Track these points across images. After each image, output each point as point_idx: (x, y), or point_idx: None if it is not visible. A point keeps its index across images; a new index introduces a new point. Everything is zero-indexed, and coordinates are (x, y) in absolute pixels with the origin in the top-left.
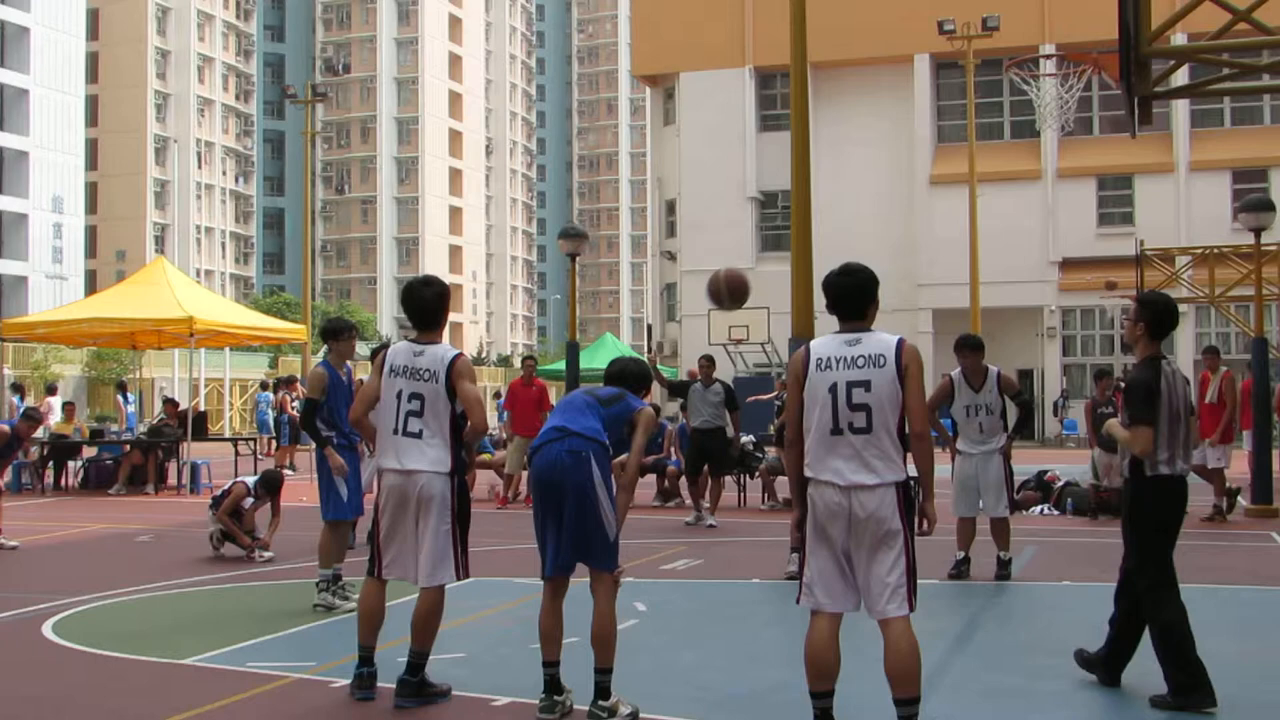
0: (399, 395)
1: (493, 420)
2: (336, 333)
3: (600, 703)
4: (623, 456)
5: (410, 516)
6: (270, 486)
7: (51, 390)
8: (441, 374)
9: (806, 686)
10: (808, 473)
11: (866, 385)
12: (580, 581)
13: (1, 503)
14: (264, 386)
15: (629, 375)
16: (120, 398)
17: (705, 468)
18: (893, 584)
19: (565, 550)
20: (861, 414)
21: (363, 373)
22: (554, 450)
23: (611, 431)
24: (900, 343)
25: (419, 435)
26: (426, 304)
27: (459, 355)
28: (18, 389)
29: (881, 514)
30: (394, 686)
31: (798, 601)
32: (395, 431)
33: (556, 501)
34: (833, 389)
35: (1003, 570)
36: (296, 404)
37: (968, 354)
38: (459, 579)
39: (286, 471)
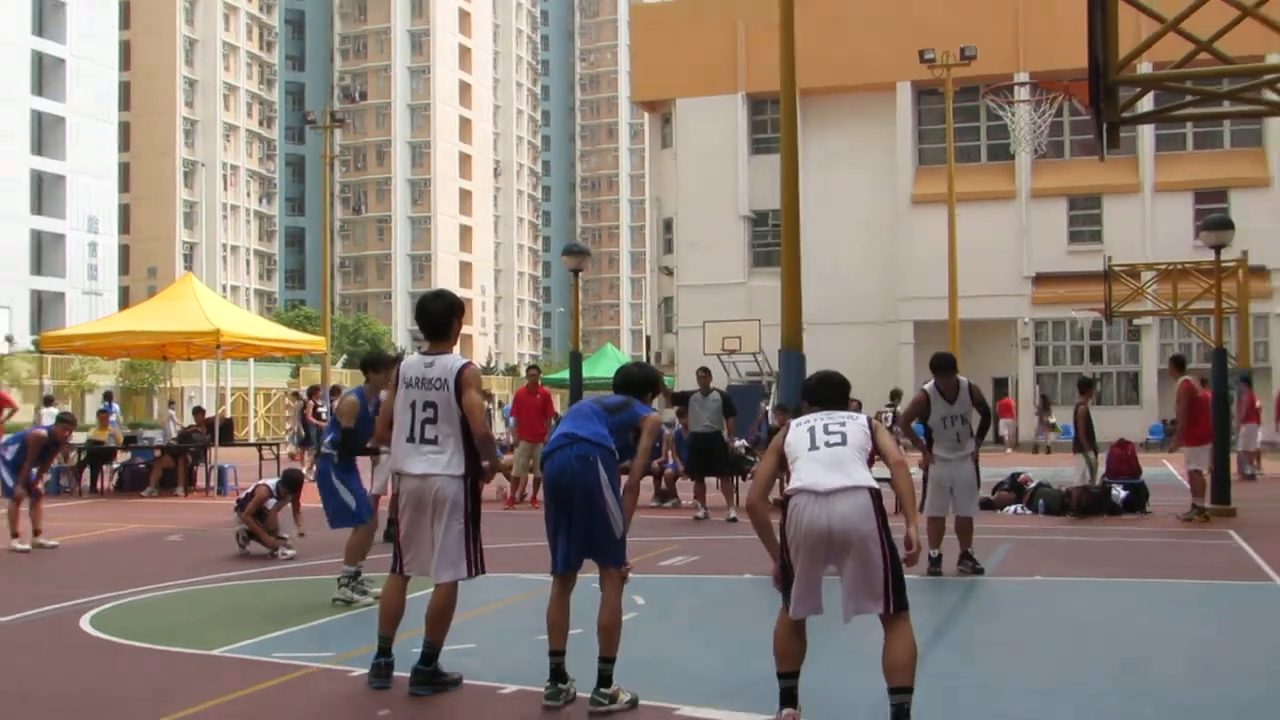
0: (413, 405)
1: (501, 427)
2: (377, 364)
3: (602, 690)
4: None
5: (427, 518)
6: (290, 485)
7: (49, 402)
8: (451, 382)
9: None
10: (790, 488)
11: (842, 423)
12: (585, 577)
13: (41, 505)
14: (296, 396)
15: (633, 381)
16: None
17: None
18: (875, 589)
19: (575, 548)
20: (837, 435)
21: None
22: (564, 456)
23: (618, 437)
24: (871, 419)
25: (434, 441)
26: (437, 316)
27: (467, 364)
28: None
29: (854, 520)
30: (409, 675)
31: (790, 612)
32: (412, 439)
33: (567, 503)
34: (811, 429)
35: (963, 564)
36: (323, 409)
37: (943, 373)
38: (471, 576)
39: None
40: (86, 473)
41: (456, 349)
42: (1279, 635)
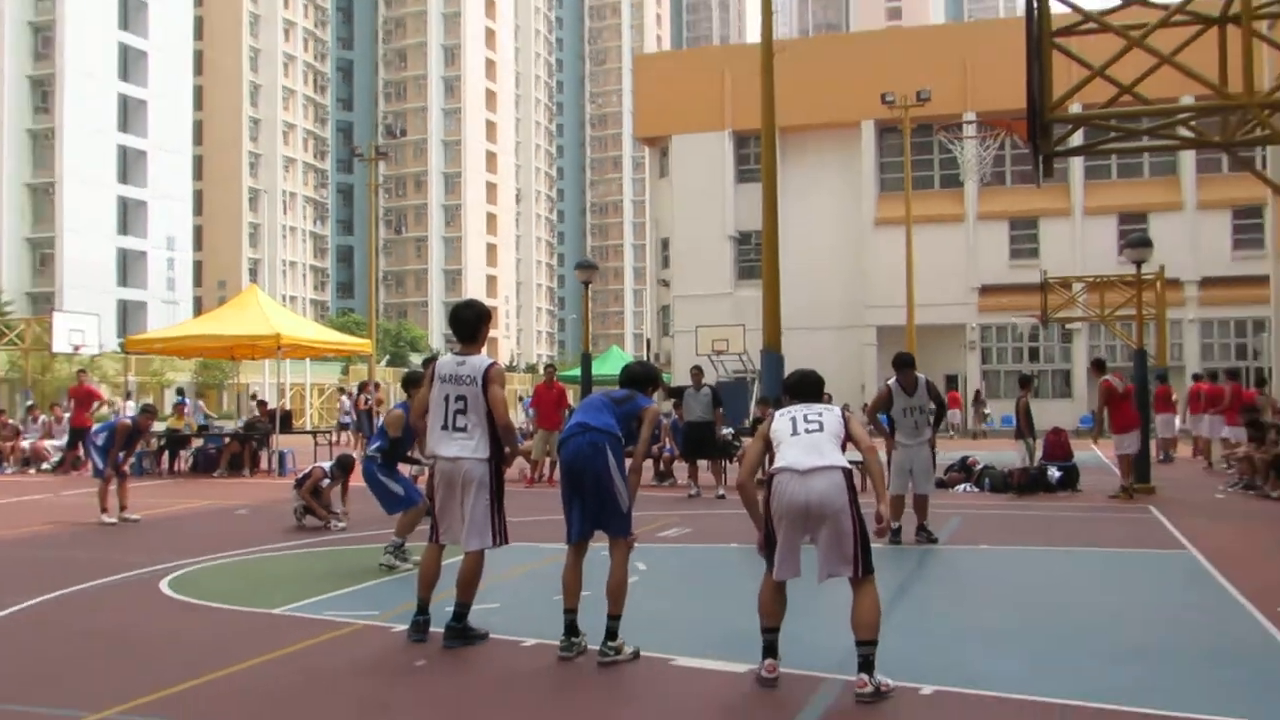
0: (447, 398)
1: (521, 417)
2: (417, 381)
3: (609, 643)
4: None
5: (457, 495)
6: (343, 467)
7: (129, 397)
8: (479, 379)
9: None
10: (774, 468)
11: (819, 413)
12: (595, 546)
13: (127, 484)
14: (342, 391)
15: (636, 378)
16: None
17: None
18: (846, 555)
19: (587, 521)
20: (815, 424)
21: None
22: (578, 442)
23: (623, 425)
24: (844, 410)
25: (464, 429)
26: (467, 323)
27: (494, 364)
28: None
29: (829, 495)
30: (443, 631)
31: (774, 575)
32: (445, 427)
33: (580, 483)
34: (793, 419)
35: (920, 535)
36: (365, 399)
37: (904, 370)
38: (496, 545)
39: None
40: (165, 456)
41: (484, 350)
42: (1190, 595)
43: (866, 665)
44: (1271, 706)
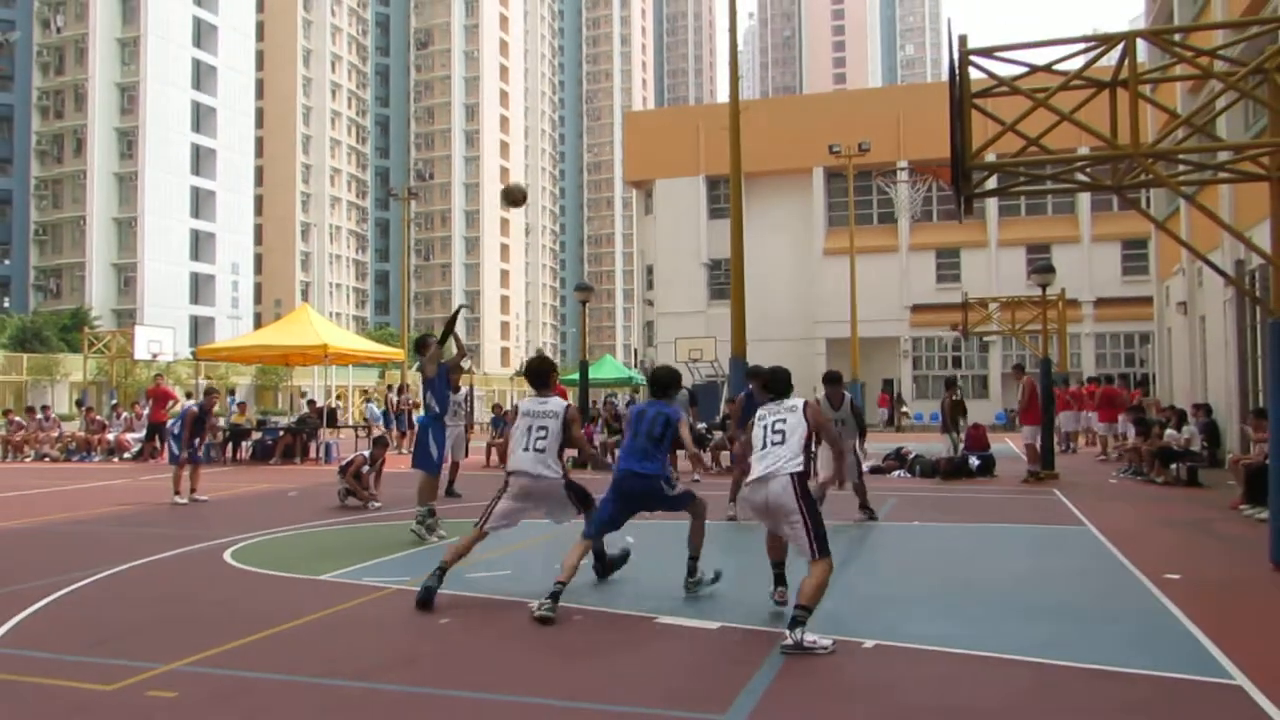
0: (530, 428)
1: None
2: (425, 344)
3: (690, 579)
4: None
5: (532, 500)
6: (379, 444)
7: (189, 395)
8: (561, 415)
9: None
10: (746, 480)
11: (784, 420)
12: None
13: (199, 470)
14: (364, 395)
15: (662, 381)
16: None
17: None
18: (801, 546)
19: (616, 524)
20: (779, 435)
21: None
22: (633, 483)
23: (667, 446)
24: (805, 402)
25: (543, 451)
26: (540, 373)
27: (570, 405)
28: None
29: (782, 498)
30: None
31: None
32: (526, 449)
33: (631, 503)
34: (765, 427)
35: (862, 513)
36: (403, 399)
37: (832, 386)
38: (580, 515)
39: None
40: (229, 447)
41: (506, 357)
42: (1089, 563)
43: (793, 623)
44: (1156, 656)
